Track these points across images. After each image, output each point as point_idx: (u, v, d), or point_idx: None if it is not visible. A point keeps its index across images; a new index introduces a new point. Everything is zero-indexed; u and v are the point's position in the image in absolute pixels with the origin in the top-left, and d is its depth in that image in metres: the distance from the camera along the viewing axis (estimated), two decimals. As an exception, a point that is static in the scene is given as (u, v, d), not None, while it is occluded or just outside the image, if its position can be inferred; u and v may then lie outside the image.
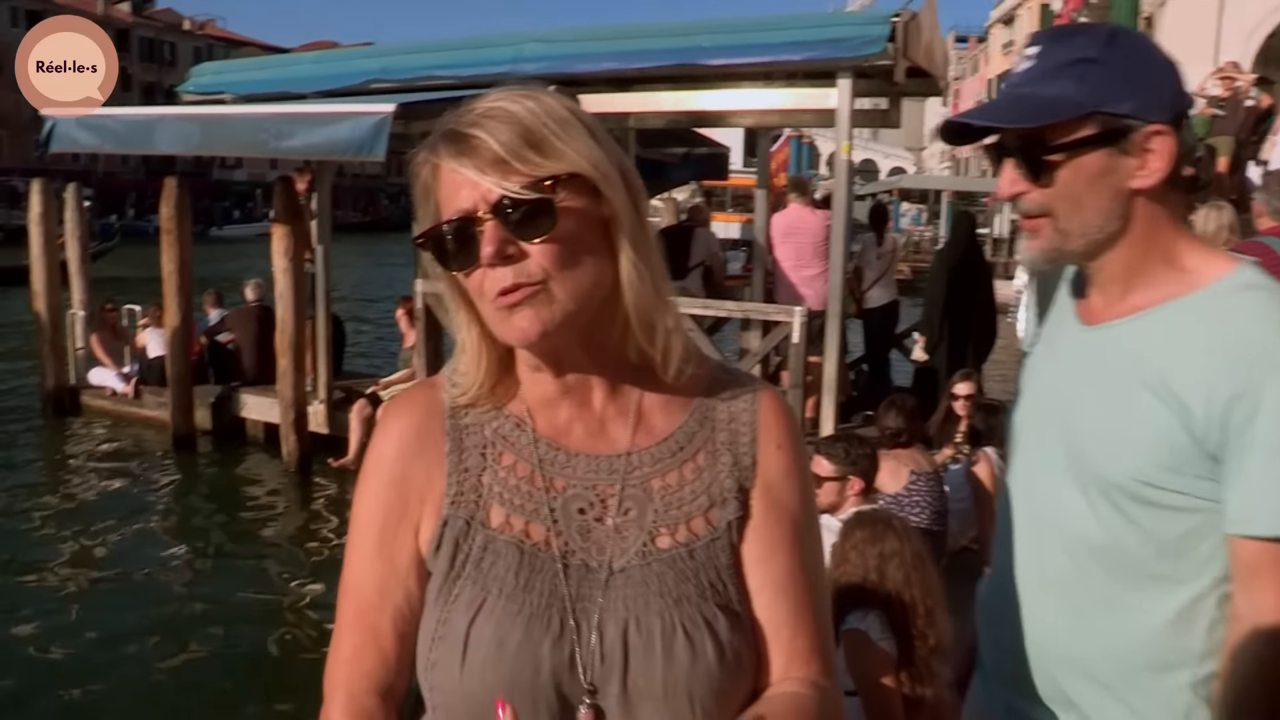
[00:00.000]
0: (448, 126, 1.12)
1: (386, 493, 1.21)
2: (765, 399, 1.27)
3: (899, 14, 6.46)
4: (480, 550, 1.17)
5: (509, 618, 1.12)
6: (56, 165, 50.51)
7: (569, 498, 1.19)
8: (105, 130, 9.36)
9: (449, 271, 1.14)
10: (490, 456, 1.21)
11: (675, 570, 1.16)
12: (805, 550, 1.23)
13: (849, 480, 4.23)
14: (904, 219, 37.14)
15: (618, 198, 1.13)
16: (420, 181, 1.16)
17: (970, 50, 76.57)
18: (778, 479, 1.23)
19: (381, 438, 1.24)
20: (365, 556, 1.21)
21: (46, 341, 12.03)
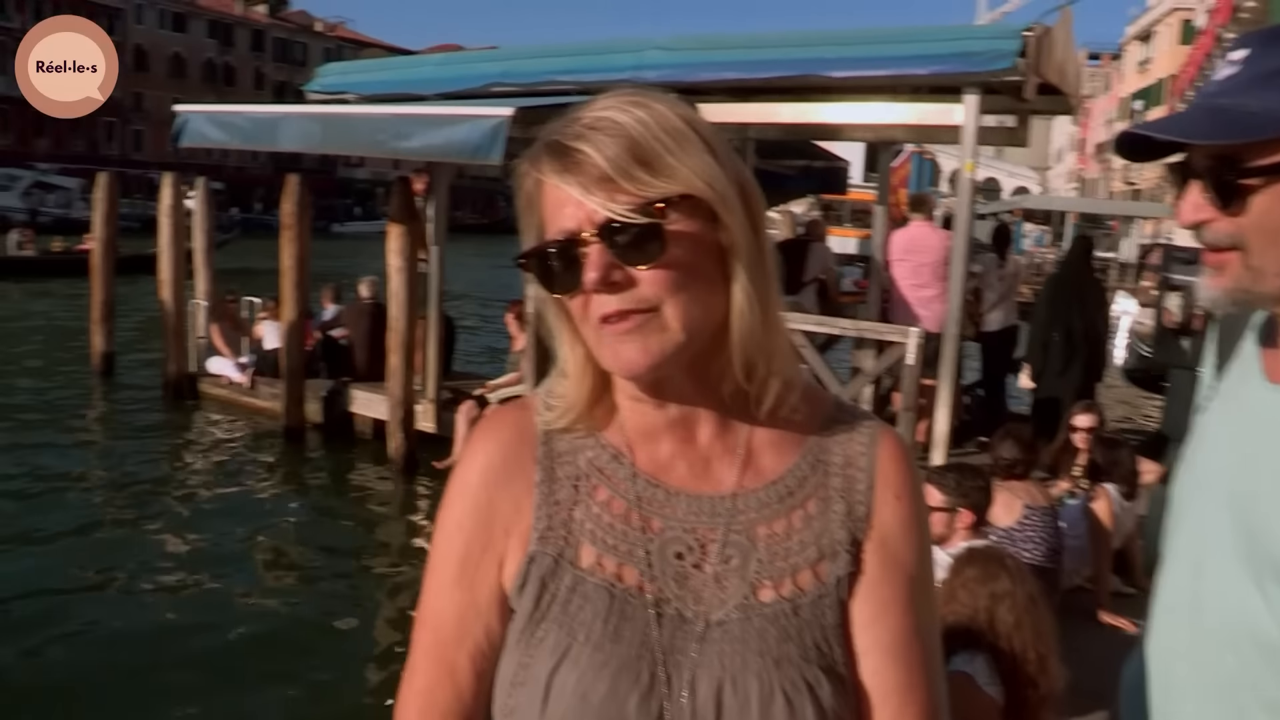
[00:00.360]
0: (551, 137, 1.03)
1: (470, 521, 1.13)
2: (885, 443, 1.15)
3: (1032, 28, 6.23)
4: (568, 592, 1.08)
5: (594, 668, 1.03)
6: (191, 159, 52.54)
7: (666, 540, 1.09)
8: (232, 126, 9.62)
9: (558, 293, 1.05)
10: (584, 489, 1.12)
11: (778, 627, 1.06)
12: (920, 611, 1.12)
13: (959, 512, 4.08)
14: (1026, 240, 36.24)
15: (735, 220, 1.03)
16: (524, 192, 1.07)
17: (1103, 67, 74.52)
18: (894, 532, 1.12)
19: (468, 461, 1.16)
20: (444, 587, 1.13)
21: (170, 329, 12.42)
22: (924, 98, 7.21)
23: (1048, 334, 8.14)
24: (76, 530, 8.28)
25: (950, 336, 6.84)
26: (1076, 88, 7.63)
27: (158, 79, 72.20)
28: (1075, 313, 8.13)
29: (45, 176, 54.30)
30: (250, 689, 5.92)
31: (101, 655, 6.19)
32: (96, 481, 9.79)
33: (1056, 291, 8.40)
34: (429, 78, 9.40)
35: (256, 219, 61.70)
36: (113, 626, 6.55)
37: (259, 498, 9.53)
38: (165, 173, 12.99)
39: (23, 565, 7.45)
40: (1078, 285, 8.37)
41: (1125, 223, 33.92)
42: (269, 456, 10.66)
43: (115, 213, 13.86)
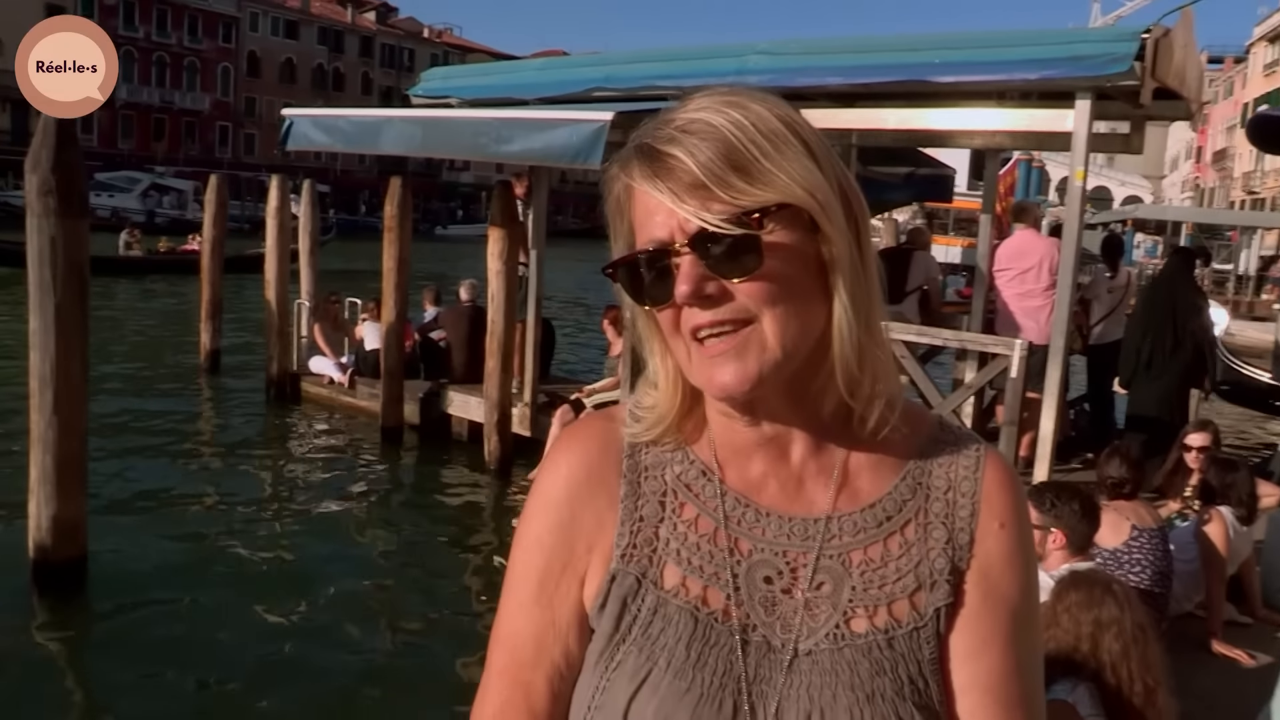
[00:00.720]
0: (642, 140, 0.97)
1: (551, 536, 1.07)
2: (991, 467, 1.07)
3: (1150, 30, 5.99)
4: (650, 614, 1.02)
5: (675, 696, 0.97)
6: (300, 162, 54.00)
7: (754, 563, 1.03)
8: (336, 130, 9.80)
9: (648, 304, 1.00)
10: (670, 506, 1.06)
11: (870, 659, 0.99)
12: (1023, 648, 1.04)
13: (1051, 532, 3.94)
14: (1138, 251, 35.27)
15: (836, 231, 0.96)
16: (612, 197, 1.01)
17: (1225, 71, 72.19)
18: (998, 563, 1.04)
19: (550, 474, 1.10)
20: (522, 604, 1.07)
21: (274, 329, 12.72)
22: (1034, 103, 7.00)
23: (1140, 342, 8.02)
24: (179, 521, 8.53)
25: (1056, 349, 6.62)
26: (1197, 92, 7.32)
27: (270, 84, 74.35)
28: (1166, 323, 7.93)
29: (162, 179, 56.31)
30: (339, 687, 6.01)
31: (192, 647, 6.33)
32: (202, 476, 10.06)
33: (1148, 301, 8.20)
34: (530, 82, 9.44)
35: (360, 221, 63.13)
36: (207, 620, 6.70)
37: (355, 497, 9.68)
38: (273, 175, 13.31)
39: (125, 553, 7.66)
40: (1169, 295, 8.15)
41: (1245, 233, 32.78)
42: (366, 456, 10.83)
43: (225, 214, 14.29)
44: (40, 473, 6.54)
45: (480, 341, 10.21)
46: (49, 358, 6.42)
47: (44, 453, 6.50)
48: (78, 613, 6.76)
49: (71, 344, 6.49)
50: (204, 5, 70.25)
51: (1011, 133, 7.75)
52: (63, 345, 6.43)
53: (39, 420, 6.47)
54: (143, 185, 54.29)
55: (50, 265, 6.36)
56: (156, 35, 67.66)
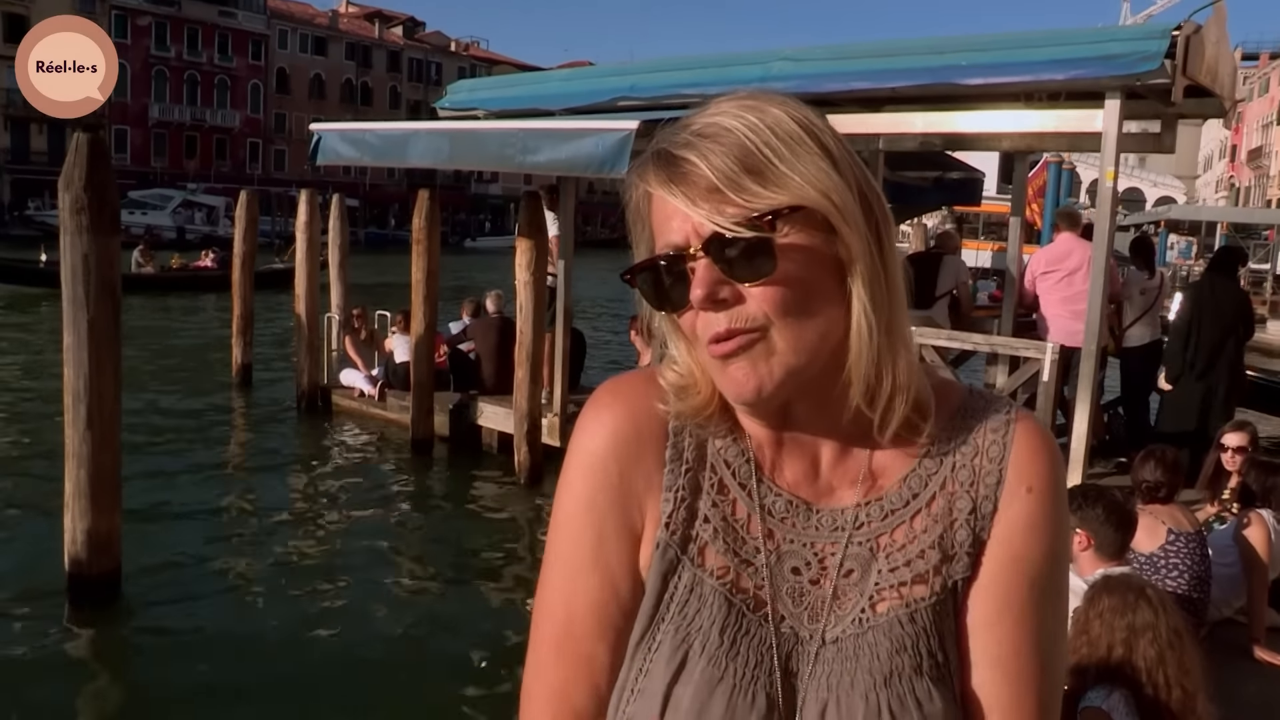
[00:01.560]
0: (659, 146, 0.96)
1: (604, 496, 1.03)
2: (1022, 429, 1.03)
3: (1181, 26, 5.91)
4: (686, 591, 1.00)
5: (709, 685, 0.97)
6: (329, 177, 54.39)
7: (784, 553, 1.02)
8: (364, 144, 9.86)
9: (668, 310, 0.99)
10: (709, 482, 1.04)
11: (891, 638, 0.98)
12: (1041, 619, 1.00)
13: (1076, 534, 3.89)
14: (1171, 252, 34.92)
15: (854, 234, 0.94)
16: (632, 203, 1.01)
17: (1260, 68, 71.43)
18: (1020, 529, 1.00)
19: (592, 430, 1.06)
20: (578, 572, 1.03)
21: (304, 342, 12.79)
22: (1063, 104, 6.93)
23: (1186, 341, 8.00)
24: (211, 534, 8.58)
25: (1088, 353, 6.55)
26: (1230, 89, 7.23)
27: (299, 100, 74.98)
28: (1210, 323, 7.86)
29: (193, 195, 56.90)
30: (370, 699, 6.01)
31: (226, 659, 6.38)
32: (234, 489, 10.14)
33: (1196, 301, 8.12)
34: (556, 93, 9.46)
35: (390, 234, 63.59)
36: (240, 631, 6.77)
37: (386, 508, 9.72)
38: (302, 190, 13.41)
39: (157, 564, 7.73)
40: (1212, 295, 8.07)
41: (1279, 233, 32.37)
42: (397, 468, 10.88)
43: (255, 229, 14.41)
44: (74, 487, 6.61)
45: (509, 352, 10.23)
46: (82, 373, 6.49)
47: (78, 467, 6.58)
48: (112, 625, 6.82)
49: (104, 359, 6.56)
50: (234, 24, 70.95)
51: (1040, 134, 7.66)
52: (95, 360, 6.51)
53: (73, 435, 6.54)
54: (175, 202, 54.92)
55: (83, 282, 6.44)
56: (188, 54, 68.40)
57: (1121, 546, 3.99)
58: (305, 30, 77.20)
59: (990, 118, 7.22)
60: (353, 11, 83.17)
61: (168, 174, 64.38)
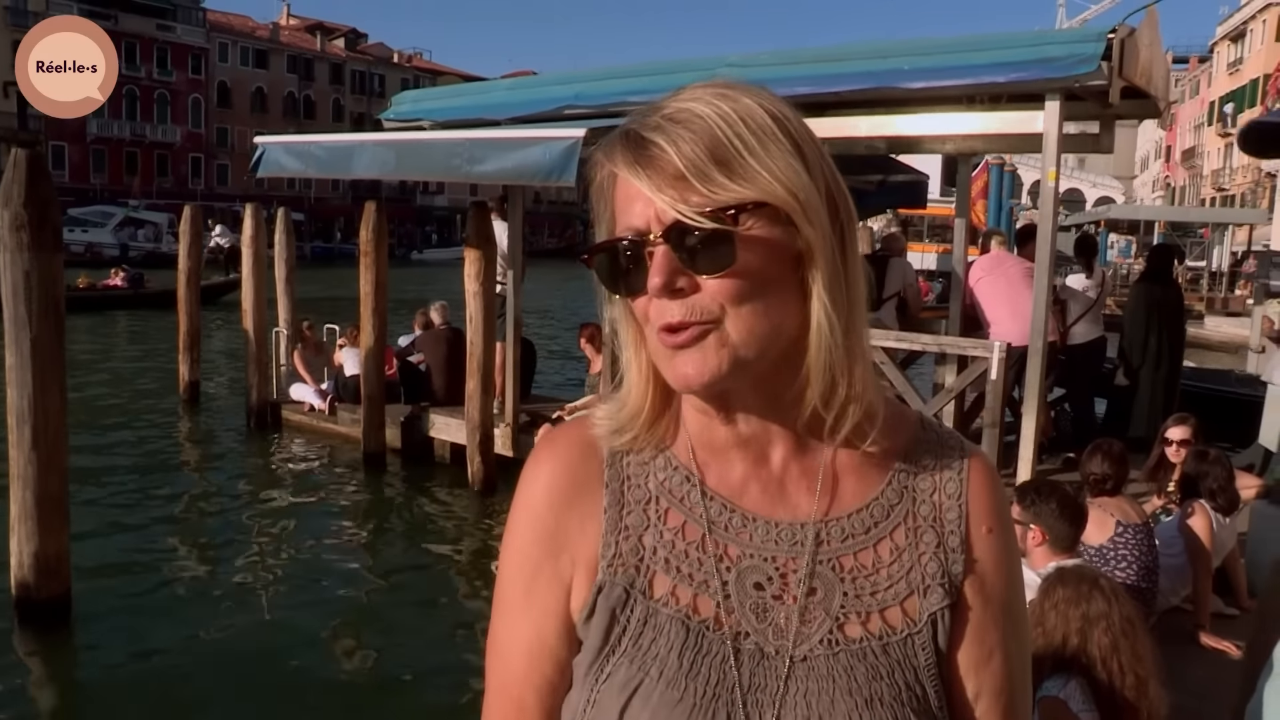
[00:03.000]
0: (629, 126, 0.95)
1: (536, 548, 1.04)
2: (976, 469, 1.07)
3: (1115, 29, 6.04)
4: (639, 624, 0.99)
5: (667, 707, 0.95)
6: (273, 191, 53.90)
7: (744, 569, 1.01)
8: (308, 155, 9.79)
9: (623, 294, 0.98)
10: (654, 514, 1.03)
11: (866, 665, 0.98)
12: (1020, 646, 1.06)
13: (1030, 529, 3.96)
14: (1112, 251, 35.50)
15: (817, 233, 0.94)
16: (596, 182, 1.00)
17: (1190, 71, 72.94)
18: (990, 569, 1.04)
19: (531, 483, 1.07)
20: (510, 619, 1.06)
21: (252, 357, 12.64)
22: (1004, 106, 7.04)
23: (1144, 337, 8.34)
24: (162, 554, 8.45)
25: (1035, 350, 6.65)
26: (1164, 91, 7.39)
27: (241, 114, 74.20)
28: (1153, 321, 8.06)
29: (135, 212, 56.01)
30: (328, 714, 5.97)
31: (179, 680, 6.28)
32: (185, 507, 9.99)
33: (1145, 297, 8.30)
34: (501, 102, 9.45)
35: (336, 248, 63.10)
36: (193, 652, 6.65)
37: (339, 523, 9.63)
38: (248, 204, 13.28)
39: (107, 586, 7.61)
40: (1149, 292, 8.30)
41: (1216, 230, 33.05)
42: (350, 482, 10.78)
43: (199, 245, 14.23)
44: (21, 509, 6.49)
45: (459, 363, 10.19)
46: (26, 393, 6.38)
47: (24, 489, 6.46)
48: (62, 649, 6.69)
49: (49, 379, 6.45)
50: (172, 37, 70.05)
51: (983, 136, 7.78)
52: (39, 380, 6.40)
53: (18, 457, 6.43)
54: (117, 219, 53.98)
55: (25, 300, 6.33)
56: (126, 69, 67.33)
57: (1074, 539, 4.05)
58: (246, 43, 76.45)
59: (933, 121, 7.31)
60: (294, 24, 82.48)
61: (108, 191, 63.33)
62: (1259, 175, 50.62)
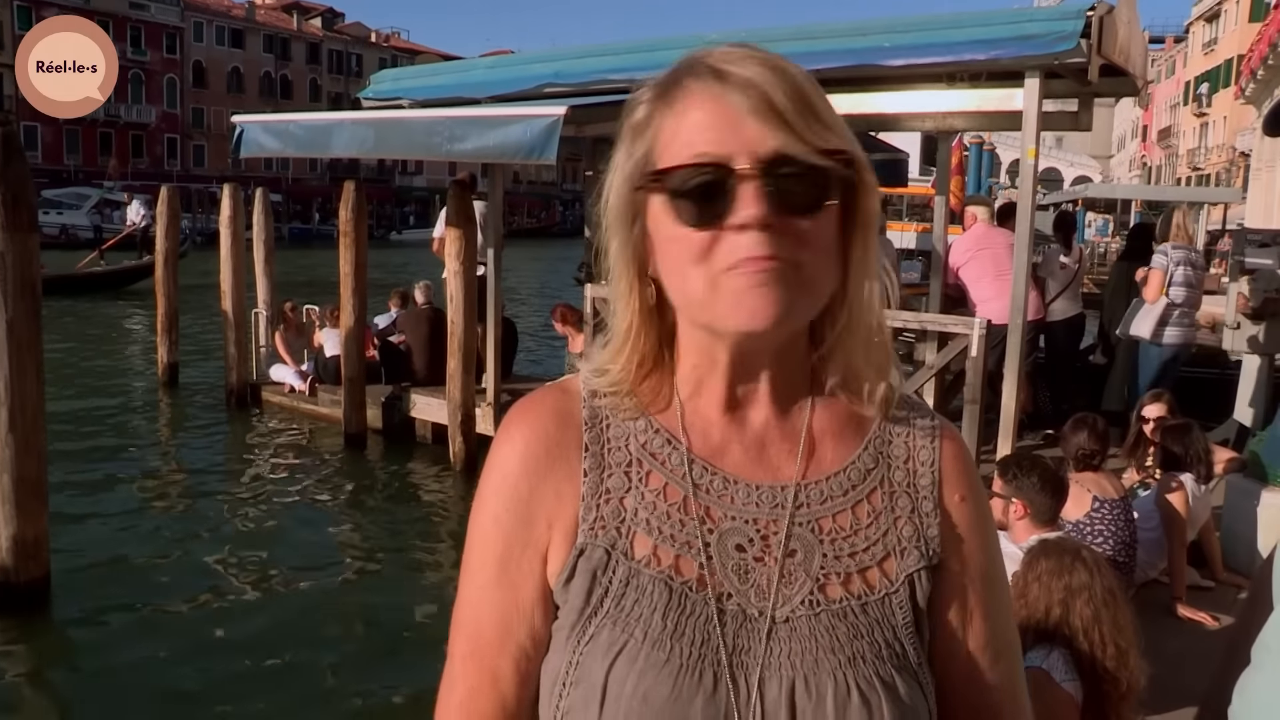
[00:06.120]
0: (700, 62, 0.95)
1: (510, 515, 1.03)
2: (948, 440, 1.09)
3: (1094, 7, 6.06)
4: (622, 585, 0.99)
5: (654, 668, 0.94)
6: (251, 172, 53.50)
7: (725, 531, 1.01)
8: (287, 135, 9.72)
9: (684, 225, 0.93)
10: (635, 476, 1.03)
11: (847, 624, 0.99)
12: (1002, 605, 1.09)
13: (1012, 503, 4.00)
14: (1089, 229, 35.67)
15: (871, 197, 0.97)
16: (630, 122, 0.98)
17: (1166, 50, 73.25)
18: (966, 534, 1.06)
19: (504, 450, 1.05)
20: (483, 587, 1.04)
21: (232, 339, 12.58)
22: (984, 84, 7.06)
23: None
24: (141, 537, 8.43)
25: (1014, 326, 6.69)
26: (1142, 69, 7.41)
27: (217, 94, 73.61)
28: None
29: (111, 194, 55.52)
30: (306, 696, 5.96)
31: (158, 659, 6.28)
32: (165, 490, 9.97)
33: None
34: (481, 80, 9.40)
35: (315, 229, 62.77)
36: (174, 634, 6.64)
37: (321, 504, 9.62)
38: (225, 185, 13.19)
39: (87, 569, 7.59)
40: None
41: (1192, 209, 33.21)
42: (331, 463, 10.75)
43: (177, 226, 14.11)
44: (-1, 493, 6.45)
45: (440, 343, 10.16)
46: (2, 375, 6.33)
47: (1, 472, 6.41)
48: (42, 633, 6.67)
49: (25, 361, 6.41)
50: (146, 16, 69.32)
51: (963, 114, 7.79)
52: (16, 362, 6.35)
53: (-5, 439, 6.38)
54: (92, 201, 53.47)
55: (0, 281, 6.27)
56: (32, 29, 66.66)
57: (1055, 512, 4.10)
58: (221, 23, 75.75)
59: (913, 98, 7.33)
60: (270, 3, 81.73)
61: (82, 172, 62.74)
62: (1233, 155, 50.93)
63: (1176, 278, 7.77)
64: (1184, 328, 7.85)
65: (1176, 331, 7.82)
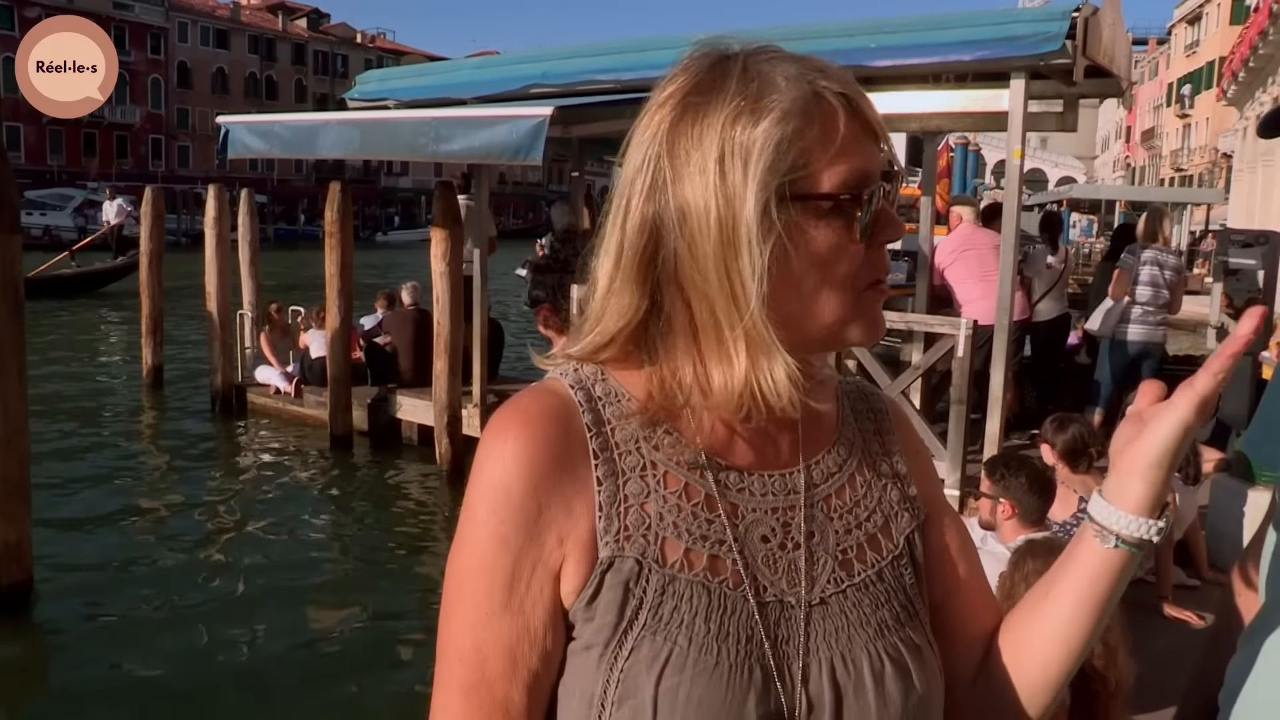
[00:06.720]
0: (843, 78, 0.97)
1: (517, 534, 0.96)
2: (891, 404, 1.20)
3: (1080, 8, 6.08)
4: (658, 595, 0.95)
5: (704, 673, 0.92)
6: (236, 173, 53.31)
7: (750, 524, 1.01)
8: (273, 136, 9.69)
9: (854, 241, 0.95)
10: (653, 480, 0.99)
11: (870, 596, 1.03)
12: (964, 529, 1.18)
13: (1000, 503, 4.01)
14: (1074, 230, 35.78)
15: None
16: (800, 99, 0.94)
17: (1149, 52, 73.64)
18: (931, 484, 1.16)
19: (504, 463, 0.97)
20: (490, 614, 0.96)
21: (217, 340, 12.51)
22: (969, 85, 7.07)
23: None
24: (125, 541, 8.38)
25: (1001, 326, 6.71)
26: (1126, 70, 7.44)
27: (202, 95, 73.33)
28: None
29: (94, 195, 55.18)
30: (292, 701, 5.94)
31: (142, 663, 6.26)
32: (149, 493, 9.92)
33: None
34: (467, 81, 9.38)
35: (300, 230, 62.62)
36: (158, 635, 6.62)
37: (306, 507, 9.58)
38: (210, 185, 13.12)
39: (70, 572, 7.54)
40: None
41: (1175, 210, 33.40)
42: (316, 465, 10.72)
43: (162, 227, 14.02)
44: (-19, 495, 6.41)
45: (426, 344, 10.13)
46: (-15, 377, 6.29)
47: (-16, 474, 6.38)
48: (24, 638, 6.64)
49: (7, 363, 6.37)
50: (130, 16, 68.95)
51: (949, 114, 7.82)
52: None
53: (-22, 442, 6.34)
54: (75, 202, 53.10)
55: (-17, 282, 6.24)
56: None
57: (1043, 512, 4.10)
58: (206, 23, 75.46)
59: (899, 99, 7.34)
60: (255, 3, 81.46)
61: (66, 173, 62.36)
62: (1216, 156, 51.22)
63: (1141, 276, 7.82)
64: (1147, 325, 7.89)
65: (1139, 329, 7.87)
